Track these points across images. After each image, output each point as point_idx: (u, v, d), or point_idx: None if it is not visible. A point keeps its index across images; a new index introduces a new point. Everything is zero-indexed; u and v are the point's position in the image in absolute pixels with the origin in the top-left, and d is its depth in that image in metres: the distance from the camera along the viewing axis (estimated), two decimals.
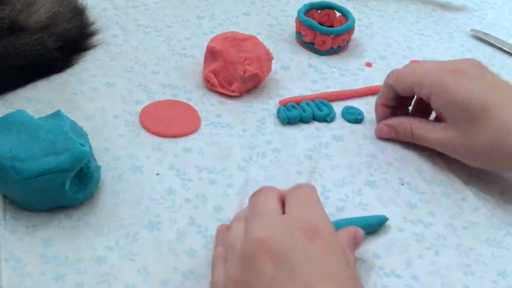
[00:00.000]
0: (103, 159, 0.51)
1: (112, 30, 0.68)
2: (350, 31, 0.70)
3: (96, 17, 0.69)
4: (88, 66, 0.62)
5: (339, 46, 0.70)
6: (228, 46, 0.60)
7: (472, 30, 0.79)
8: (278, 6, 0.79)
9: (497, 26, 0.82)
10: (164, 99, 0.59)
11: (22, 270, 0.41)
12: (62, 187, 0.44)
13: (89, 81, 0.60)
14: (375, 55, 0.71)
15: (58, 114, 0.47)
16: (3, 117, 0.46)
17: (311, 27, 0.68)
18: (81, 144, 0.44)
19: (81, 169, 0.45)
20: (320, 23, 0.71)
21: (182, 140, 0.55)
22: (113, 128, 0.54)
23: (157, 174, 0.51)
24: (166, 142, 0.54)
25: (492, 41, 0.77)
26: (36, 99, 0.56)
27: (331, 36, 0.68)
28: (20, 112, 0.46)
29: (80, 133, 0.48)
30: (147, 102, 0.58)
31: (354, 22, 0.70)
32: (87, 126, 0.51)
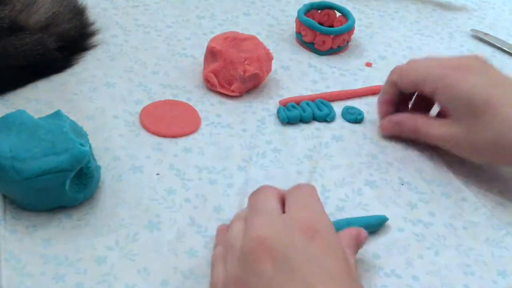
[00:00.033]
0: (103, 159, 0.51)
1: (112, 30, 0.68)
2: (350, 31, 0.70)
3: (96, 17, 0.69)
4: (88, 66, 0.62)
5: (339, 46, 0.70)
6: (228, 46, 0.60)
7: (472, 30, 0.79)
8: (278, 6, 0.79)
9: (497, 26, 0.82)
10: (164, 99, 0.59)
11: (22, 270, 0.41)
12: (62, 187, 0.44)
13: (89, 81, 0.60)
14: (375, 55, 0.71)
15: (58, 114, 0.47)
16: (3, 117, 0.46)
17: (311, 27, 0.68)
18: (81, 144, 0.44)
19: (81, 169, 0.45)
20: (320, 23, 0.71)
21: (182, 140, 0.55)
22: (113, 128, 0.54)
23: (157, 174, 0.51)
24: (166, 142, 0.54)
25: (492, 41, 0.77)
26: (36, 99, 0.56)
27: (331, 36, 0.68)
28: (20, 112, 0.46)
29: (80, 133, 0.48)
30: (147, 102, 0.58)
31: (354, 22, 0.70)
32: (87, 126, 0.51)
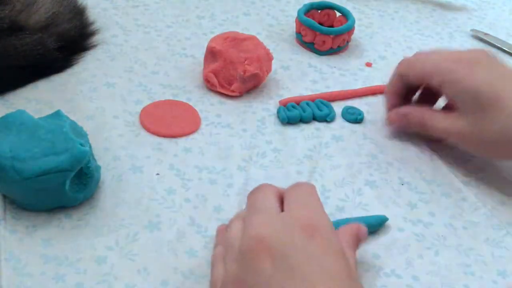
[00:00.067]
0: (103, 159, 0.51)
1: (112, 30, 0.68)
2: (350, 31, 0.70)
3: (96, 17, 0.69)
4: (88, 66, 0.62)
5: (339, 46, 0.70)
6: (228, 46, 0.59)
7: (472, 30, 0.79)
8: (278, 6, 0.79)
9: (497, 26, 0.82)
10: (164, 99, 0.59)
11: (22, 270, 0.41)
12: (62, 187, 0.44)
13: (89, 81, 0.60)
14: (375, 55, 0.71)
15: (58, 114, 0.47)
16: (3, 117, 0.46)
17: (311, 27, 0.68)
18: (81, 144, 0.44)
19: (81, 169, 0.45)
20: (320, 23, 0.71)
21: (182, 140, 0.55)
22: (113, 128, 0.54)
23: (157, 174, 0.51)
24: (166, 142, 0.54)
25: (492, 41, 0.77)
26: (36, 99, 0.56)
27: (331, 36, 0.68)
28: (20, 112, 0.46)
29: (80, 133, 0.48)
30: (147, 102, 0.58)
31: (354, 22, 0.70)
32: (87, 126, 0.51)
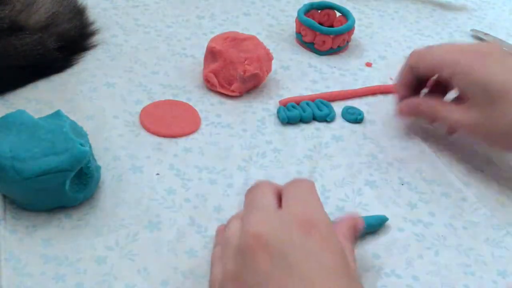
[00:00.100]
0: (103, 159, 0.51)
1: (112, 30, 0.68)
2: (350, 31, 0.70)
3: (96, 17, 0.69)
4: (88, 66, 0.62)
5: (339, 46, 0.70)
6: (228, 46, 0.59)
7: (472, 30, 0.79)
8: (278, 6, 0.79)
9: (497, 26, 0.82)
10: (164, 99, 0.59)
11: (22, 270, 0.41)
12: (62, 187, 0.44)
13: (89, 81, 0.60)
14: (375, 55, 0.71)
15: (58, 114, 0.47)
16: (3, 117, 0.46)
17: (311, 27, 0.68)
18: (81, 144, 0.44)
19: (81, 169, 0.45)
20: (320, 23, 0.71)
21: (182, 140, 0.55)
22: (113, 128, 0.54)
23: (157, 174, 0.51)
24: (166, 142, 0.54)
25: (492, 41, 0.77)
26: (36, 99, 0.56)
27: (331, 36, 0.68)
28: (20, 112, 0.46)
29: (80, 133, 0.48)
30: (147, 102, 0.58)
31: (354, 22, 0.70)
32: (87, 126, 0.51)
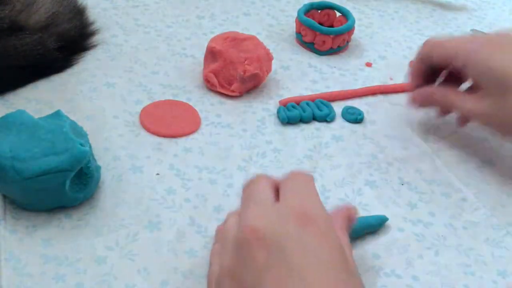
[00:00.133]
0: (103, 159, 0.51)
1: (112, 30, 0.68)
2: (350, 31, 0.70)
3: (96, 17, 0.69)
4: (88, 66, 0.62)
5: (339, 46, 0.70)
6: (228, 46, 0.59)
7: (472, 30, 0.79)
8: (278, 6, 0.79)
9: (497, 26, 0.82)
10: (164, 99, 0.59)
11: (22, 270, 0.41)
12: (62, 187, 0.44)
13: (89, 81, 0.60)
14: (375, 55, 0.71)
15: (58, 114, 0.47)
16: (3, 117, 0.46)
17: (311, 27, 0.68)
18: (81, 144, 0.44)
19: (81, 169, 0.45)
20: (320, 23, 0.71)
21: (182, 140, 0.55)
22: (113, 128, 0.54)
23: (157, 174, 0.51)
24: (166, 142, 0.54)
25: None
26: (36, 99, 0.56)
27: (331, 36, 0.68)
28: (20, 112, 0.46)
29: (80, 133, 0.48)
30: (147, 102, 0.58)
31: (354, 22, 0.70)
32: (87, 126, 0.51)
